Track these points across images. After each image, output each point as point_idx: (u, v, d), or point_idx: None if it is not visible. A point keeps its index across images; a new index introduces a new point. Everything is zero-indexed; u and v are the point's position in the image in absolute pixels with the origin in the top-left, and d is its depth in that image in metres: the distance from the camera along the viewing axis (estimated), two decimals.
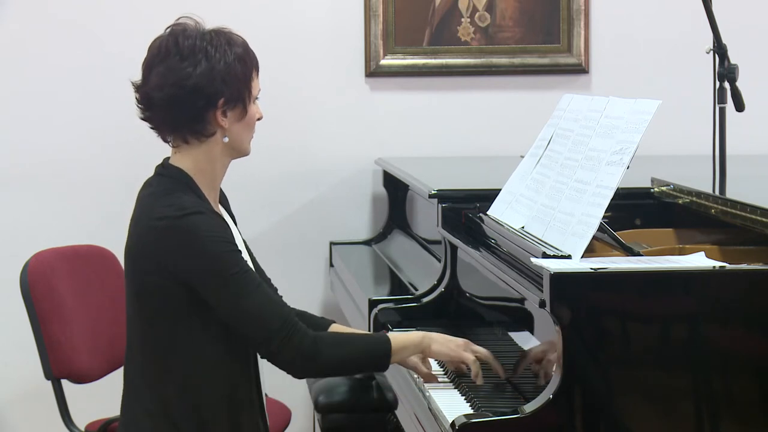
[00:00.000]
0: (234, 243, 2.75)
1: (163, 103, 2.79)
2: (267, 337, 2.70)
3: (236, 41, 2.83)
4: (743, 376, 2.47)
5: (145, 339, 2.80)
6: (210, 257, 2.70)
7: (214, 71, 2.76)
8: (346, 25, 4.76)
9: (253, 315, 2.70)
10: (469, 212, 3.32)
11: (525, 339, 2.87)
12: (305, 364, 2.72)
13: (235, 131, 2.82)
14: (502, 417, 2.47)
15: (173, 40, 2.81)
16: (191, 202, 2.75)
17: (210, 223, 2.73)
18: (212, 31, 2.85)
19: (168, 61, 2.79)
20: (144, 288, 2.76)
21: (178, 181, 2.80)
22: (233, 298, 2.70)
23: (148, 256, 2.74)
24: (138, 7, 4.71)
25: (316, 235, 4.80)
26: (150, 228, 2.75)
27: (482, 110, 4.82)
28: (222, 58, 2.78)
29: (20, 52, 4.69)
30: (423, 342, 2.82)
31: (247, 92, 2.81)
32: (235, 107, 2.80)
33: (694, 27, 3.93)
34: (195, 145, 2.82)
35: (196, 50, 2.78)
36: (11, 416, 4.79)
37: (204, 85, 2.76)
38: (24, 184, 4.71)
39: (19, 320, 3.82)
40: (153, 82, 2.80)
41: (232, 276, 2.70)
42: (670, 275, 2.50)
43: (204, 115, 2.78)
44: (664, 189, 3.35)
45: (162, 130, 2.86)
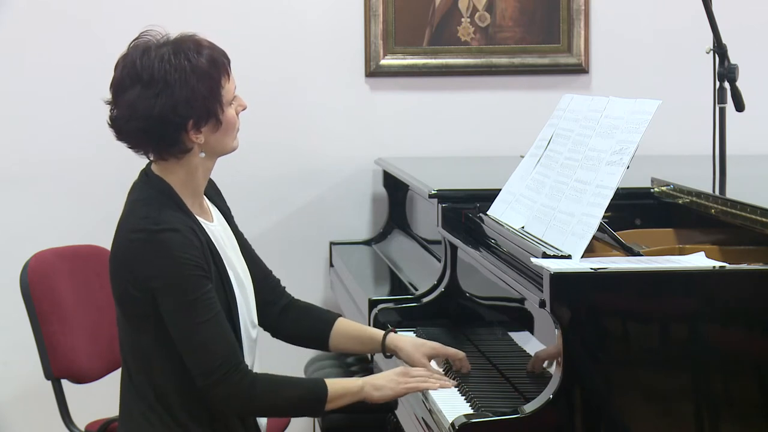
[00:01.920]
0: (202, 267, 2.71)
1: (134, 134, 2.78)
2: (204, 371, 2.68)
3: (198, 52, 2.76)
4: (743, 376, 2.47)
5: (132, 342, 2.80)
6: (173, 276, 2.68)
7: (175, 97, 2.71)
8: (346, 25, 4.75)
9: (196, 346, 2.69)
10: (469, 212, 3.32)
11: (525, 339, 2.87)
12: (237, 404, 2.70)
13: (212, 141, 2.79)
14: (502, 417, 2.47)
15: (132, 64, 2.75)
16: (168, 217, 2.74)
17: (182, 242, 2.71)
18: (173, 45, 2.77)
19: (132, 89, 2.74)
20: (122, 295, 2.77)
21: (160, 192, 2.79)
22: (183, 322, 2.69)
23: (123, 265, 2.75)
24: (138, 6, 4.70)
25: (316, 235, 4.80)
26: (126, 239, 2.75)
27: (482, 110, 4.82)
28: (181, 79, 2.72)
29: (20, 52, 4.69)
30: (363, 390, 2.77)
31: (216, 104, 2.76)
32: (207, 122, 2.76)
33: (694, 27, 3.93)
34: (173, 161, 2.80)
35: (155, 75, 2.72)
36: (11, 416, 4.79)
37: (169, 114, 2.72)
38: (24, 184, 4.71)
39: (19, 320, 3.82)
40: (120, 111, 2.78)
41: (189, 301, 2.68)
42: (670, 275, 2.50)
43: (176, 138, 2.76)
44: (664, 189, 3.35)
45: (139, 151, 2.84)
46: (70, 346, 3.64)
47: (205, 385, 2.69)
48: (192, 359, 2.70)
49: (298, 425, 4.56)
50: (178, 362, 2.74)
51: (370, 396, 2.78)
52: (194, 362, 2.70)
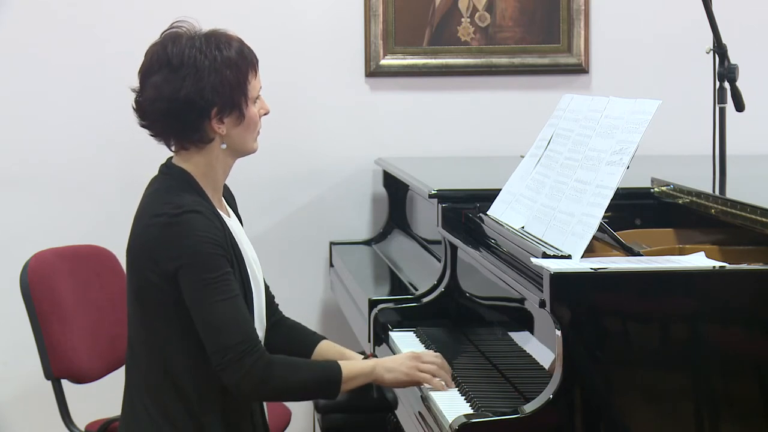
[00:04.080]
0: (223, 247, 2.73)
1: (158, 116, 2.80)
2: (221, 349, 2.68)
3: (229, 44, 2.81)
4: (743, 376, 2.47)
5: (144, 339, 2.80)
6: (193, 255, 2.69)
7: (203, 82, 2.75)
8: (346, 25, 4.76)
9: (215, 323, 2.68)
10: (469, 212, 3.32)
11: (525, 339, 2.87)
12: (253, 386, 2.69)
13: (234, 135, 2.82)
14: (502, 417, 2.47)
15: (163, 50, 2.80)
16: (190, 201, 2.75)
17: (204, 222, 2.73)
18: (204, 35, 2.83)
19: (159, 72, 2.79)
20: (141, 286, 2.77)
21: (181, 180, 2.81)
22: (203, 301, 2.69)
23: (145, 253, 2.75)
24: (138, 6, 4.71)
25: (316, 235, 4.80)
26: (148, 225, 2.76)
27: (482, 110, 4.82)
28: (212, 66, 2.76)
29: (20, 52, 4.69)
30: (375, 371, 2.78)
31: (242, 97, 2.80)
32: (230, 114, 2.79)
33: (694, 27, 3.93)
34: (194, 151, 2.82)
35: (185, 60, 2.77)
36: (11, 416, 4.79)
37: (194, 97, 2.75)
38: (24, 184, 4.71)
39: (19, 320, 3.82)
40: (146, 94, 2.82)
41: (209, 279, 2.69)
42: (670, 275, 2.50)
43: (199, 125, 2.78)
44: (664, 189, 3.35)
45: (161, 138, 2.86)
46: (70, 346, 3.64)
47: (220, 363, 2.68)
48: (210, 337, 2.69)
49: (299, 425, 4.57)
50: (194, 354, 2.73)
51: (381, 377, 2.78)
52: (212, 340, 2.69)
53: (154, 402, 2.78)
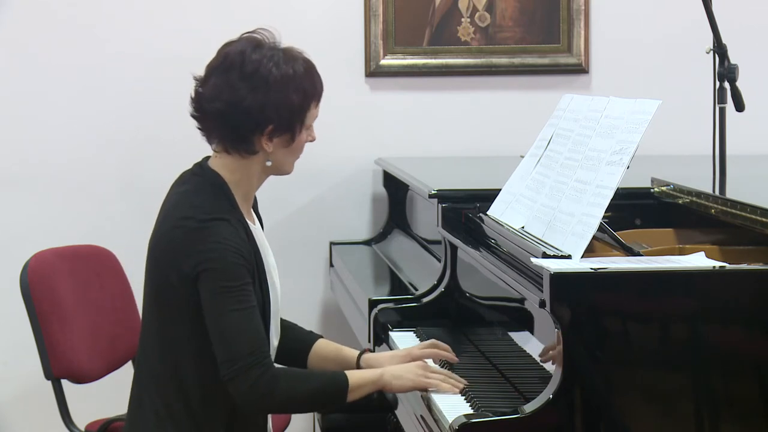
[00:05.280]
0: (246, 258, 2.72)
1: (212, 115, 2.78)
2: (230, 359, 2.67)
3: (303, 67, 2.80)
4: (743, 376, 2.47)
5: (157, 338, 2.79)
6: (216, 261, 2.68)
7: (268, 99, 2.74)
8: (346, 25, 4.76)
9: (227, 333, 2.68)
10: (469, 212, 3.32)
11: (525, 339, 2.87)
12: (258, 398, 2.68)
13: (278, 155, 2.82)
14: (502, 417, 2.47)
15: (240, 53, 2.77)
16: (219, 208, 2.75)
17: (230, 231, 2.72)
18: (284, 50, 2.81)
19: (229, 74, 2.76)
20: (161, 286, 2.76)
21: (213, 185, 2.79)
22: (218, 308, 2.68)
23: (168, 254, 2.74)
24: (138, 6, 4.71)
25: (316, 235, 4.80)
26: (175, 227, 2.75)
27: (482, 110, 4.82)
28: (281, 86, 2.75)
29: (20, 52, 4.69)
30: (382, 379, 2.77)
31: (299, 123, 2.79)
32: (282, 135, 2.79)
33: (694, 27, 3.93)
34: (236, 157, 2.80)
35: (259, 71, 2.75)
36: (11, 416, 4.79)
37: (255, 111, 2.74)
38: (24, 184, 4.71)
39: (19, 320, 3.82)
40: (208, 90, 2.78)
41: (228, 287, 2.68)
42: (670, 275, 2.50)
43: (250, 136, 2.77)
44: (664, 189, 3.35)
45: (206, 134, 2.84)
46: (70, 346, 3.64)
47: (229, 373, 2.67)
48: (220, 346, 2.68)
49: (298, 425, 4.56)
50: (206, 359, 2.73)
51: (389, 385, 2.78)
52: (222, 349, 2.68)
53: (162, 401, 2.78)
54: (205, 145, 2.81)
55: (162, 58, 4.70)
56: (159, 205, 4.65)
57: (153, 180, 4.73)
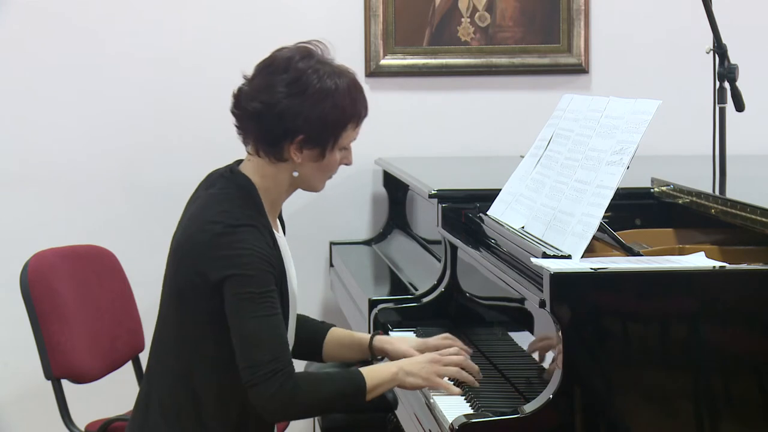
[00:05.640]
0: (272, 265, 2.71)
1: (248, 114, 2.78)
2: (253, 365, 2.65)
3: (346, 86, 2.77)
4: (743, 376, 2.47)
5: (176, 338, 2.78)
6: (243, 266, 2.67)
7: (303, 108, 2.73)
8: (346, 25, 4.75)
9: (252, 338, 2.66)
10: (469, 212, 3.32)
11: (525, 339, 2.87)
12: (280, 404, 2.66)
13: (307, 169, 2.80)
14: (502, 417, 2.47)
15: (288, 59, 2.78)
16: (247, 214, 2.74)
17: (258, 238, 2.71)
18: (333, 66, 2.80)
19: (272, 77, 2.76)
20: (183, 287, 2.75)
21: (243, 190, 2.78)
22: (243, 314, 2.67)
23: (194, 256, 2.73)
24: (138, 7, 4.71)
25: (316, 235, 4.79)
26: (202, 230, 2.73)
27: (482, 110, 4.82)
28: (319, 97, 2.73)
29: (20, 51, 4.69)
30: (397, 377, 2.75)
31: (331, 139, 2.77)
32: (312, 148, 2.77)
33: (694, 27, 3.93)
34: (266, 162, 2.79)
35: (301, 79, 2.74)
36: (11, 416, 4.79)
37: (287, 116, 2.73)
38: (24, 184, 4.71)
39: (19, 320, 3.82)
40: (250, 88, 2.79)
41: (253, 294, 2.67)
42: (670, 275, 2.50)
43: (280, 142, 2.76)
44: (664, 189, 3.35)
45: (243, 133, 2.83)
46: (70, 346, 3.63)
47: (251, 380, 2.65)
48: (243, 351, 2.66)
49: (299, 425, 4.56)
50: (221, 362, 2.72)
51: (403, 382, 2.76)
52: (245, 355, 2.66)
53: (172, 401, 2.77)
54: (204, 145, 2.82)
55: (162, 58, 4.70)
56: (159, 205, 4.71)
57: (153, 180, 4.74)
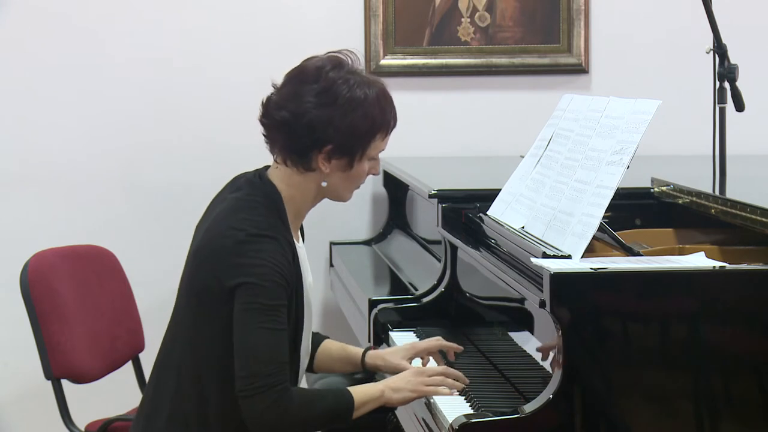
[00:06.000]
0: (288, 281, 2.71)
1: (277, 123, 2.77)
2: (250, 375, 2.65)
3: (376, 95, 2.77)
4: (743, 376, 2.47)
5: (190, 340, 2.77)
6: (258, 276, 2.66)
7: (332, 118, 2.72)
8: (346, 25, 4.75)
9: (253, 348, 2.65)
10: (469, 212, 3.32)
11: (525, 339, 2.87)
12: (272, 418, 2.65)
13: (335, 179, 2.80)
14: (502, 417, 2.47)
15: (318, 69, 2.78)
16: (270, 225, 2.73)
17: (278, 250, 2.70)
18: (364, 77, 2.79)
19: (302, 86, 2.76)
20: (200, 290, 2.74)
21: (268, 198, 2.78)
22: (248, 323, 2.66)
23: (213, 262, 2.72)
24: (138, 7, 4.71)
25: (316, 235, 4.79)
26: (224, 236, 2.72)
27: (482, 110, 4.82)
28: (349, 107, 2.73)
29: (20, 51, 4.69)
30: (384, 395, 2.76)
31: (360, 150, 2.77)
32: (341, 158, 2.76)
33: (694, 27, 3.93)
34: (294, 171, 2.79)
35: (331, 89, 2.74)
36: (11, 416, 4.79)
37: (316, 126, 2.73)
38: (24, 184, 4.71)
39: (19, 320, 3.82)
40: (279, 97, 2.78)
41: (263, 305, 2.66)
42: (670, 275, 2.50)
43: (308, 152, 2.76)
44: (664, 189, 3.35)
45: (270, 142, 2.83)
46: (70, 346, 3.63)
47: (246, 390, 2.65)
48: (242, 360, 2.66)
49: None
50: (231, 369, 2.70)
51: (390, 399, 2.76)
52: (243, 364, 2.66)
53: (180, 402, 2.77)
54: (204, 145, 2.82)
55: (162, 58, 4.70)
56: (159, 205, 4.72)
57: (153, 180, 4.74)
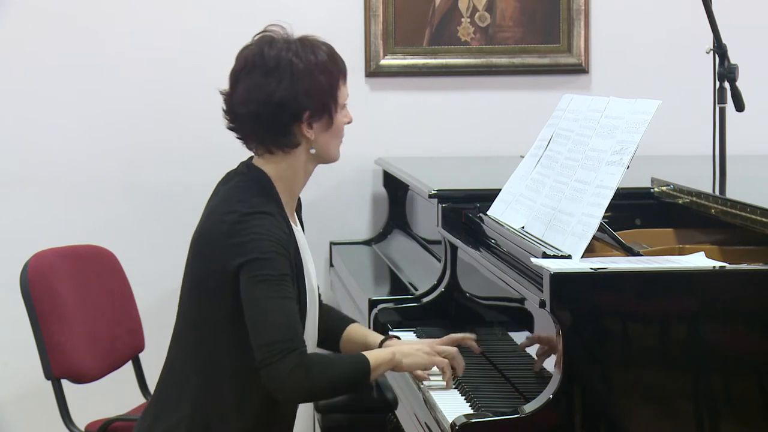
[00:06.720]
0: (287, 250, 2.74)
1: (249, 118, 2.81)
2: (268, 344, 2.66)
3: (322, 50, 2.84)
4: (743, 376, 2.47)
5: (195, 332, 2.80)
6: (259, 251, 2.70)
7: (298, 86, 2.77)
8: (346, 25, 4.75)
9: (266, 318, 2.68)
10: (469, 212, 3.32)
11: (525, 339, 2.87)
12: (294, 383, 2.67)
13: (321, 141, 2.85)
14: (502, 417, 2.47)
15: (258, 52, 2.81)
16: (262, 204, 2.77)
17: (273, 224, 2.74)
18: (299, 40, 2.85)
19: (253, 75, 2.79)
20: (202, 278, 2.77)
21: (259, 183, 2.82)
22: (258, 295, 2.69)
23: (211, 246, 2.76)
24: (138, 7, 4.71)
25: (316, 235, 4.78)
26: (219, 221, 2.76)
27: (482, 110, 4.82)
28: (306, 70, 2.79)
29: (20, 51, 4.69)
30: (394, 358, 2.81)
31: (332, 102, 2.83)
32: (321, 119, 2.82)
33: (694, 27, 3.93)
34: (279, 155, 2.83)
35: (281, 63, 2.78)
36: (11, 416, 4.79)
37: (289, 100, 2.77)
38: (24, 184, 4.71)
39: (19, 320, 3.82)
40: (238, 96, 2.81)
41: (268, 276, 2.69)
42: (670, 275, 2.50)
43: (289, 128, 2.80)
44: (664, 189, 3.35)
45: (246, 140, 2.87)
46: (70, 346, 3.64)
47: (265, 359, 2.66)
48: (258, 331, 2.68)
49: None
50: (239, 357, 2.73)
51: (400, 363, 2.81)
52: (259, 335, 2.68)
53: (193, 394, 2.78)
54: (204, 145, 2.83)
55: (162, 58, 4.70)
56: (159, 204, 4.72)
57: (153, 180, 4.74)
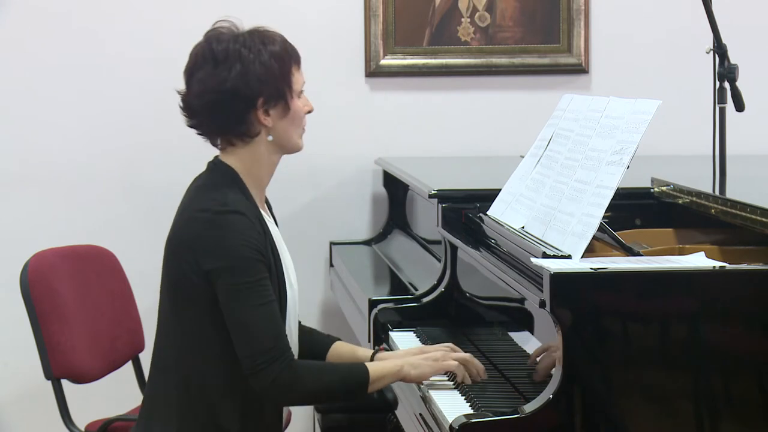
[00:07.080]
0: (263, 253, 2.74)
1: (205, 109, 2.83)
2: (252, 354, 2.68)
3: (272, 39, 2.86)
4: (743, 376, 2.47)
5: (175, 332, 2.81)
6: (233, 257, 2.70)
7: (249, 72, 2.79)
8: (346, 25, 4.76)
9: (248, 328, 2.69)
10: (469, 212, 3.32)
11: (525, 339, 2.87)
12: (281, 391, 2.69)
13: (279, 128, 2.86)
14: (502, 417, 2.47)
15: (207, 47, 2.84)
16: (234, 200, 2.77)
17: (247, 225, 2.74)
18: (247, 32, 2.88)
19: (204, 68, 2.82)
20: (177, 279, 2.78)
21: (227, 177, 2.83)
22: (238, 305, 2.70)
23: (184, 246, 2.77)
24: (138, 7, 4.71)
25: (316, 235, 4.79)
26: (191, 219, 2.78)
27: (482, 110, 4.82)
28: (256, 58, 2.81)
29: (20, 51, 4.69)
30: (402, 371, 2.80)
31: (287, 88, 2.85)
32: (276, 105, 2.84)
33: (694, 27, 3.93)
34: (240, 146, 2.85)
35: (230, 54, 2.81)
36: (11, 416, 4.79)
37: (241, 87, 2.79)
38: (24, 184, 4.72)
39: (19, 320, 3.82)
40: (193, 90, 2.84)
41: (246, 283, 2.70)
42: (670, 275, 2.50)
43: (245, 116, 2.82)
44: (664, 189, 3.35)
45: (208, 135, 2.89)
46: (70, 346, 3.63)
47: (251, 368, 2.69)
48: (241, 341, 2.70)
49: (299, 425, 4.57)
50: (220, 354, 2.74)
51: (408, 375, 2.80)
52: (243, 345, 2.70)
53: (177, 398, 2.79)
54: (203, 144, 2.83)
55: (162, 58, 4.70)
56: (159, 205, 4.71)
57: (153, 180, 4.74)
